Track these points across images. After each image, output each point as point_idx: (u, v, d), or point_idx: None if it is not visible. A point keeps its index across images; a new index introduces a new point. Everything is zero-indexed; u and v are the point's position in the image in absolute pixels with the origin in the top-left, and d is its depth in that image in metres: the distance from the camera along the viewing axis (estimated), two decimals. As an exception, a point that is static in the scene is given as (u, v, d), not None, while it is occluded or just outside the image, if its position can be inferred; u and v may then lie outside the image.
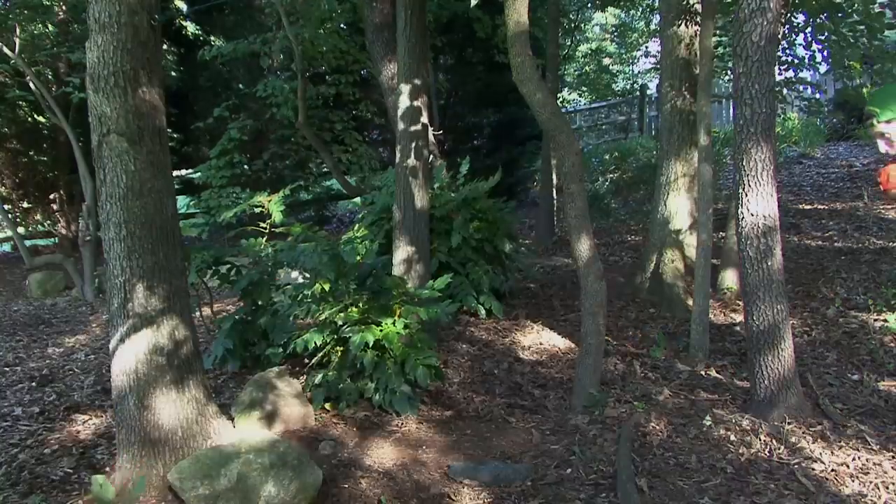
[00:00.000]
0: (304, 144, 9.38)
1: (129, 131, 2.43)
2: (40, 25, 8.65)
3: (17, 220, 9.92)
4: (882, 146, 2.74)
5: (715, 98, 10.37)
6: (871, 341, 3.76)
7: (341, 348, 3.32)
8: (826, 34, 5.50)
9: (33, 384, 3.86)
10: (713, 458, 2.72)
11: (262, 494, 2.34)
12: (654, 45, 17.79)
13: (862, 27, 5.18)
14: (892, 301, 4.18)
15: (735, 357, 3.83)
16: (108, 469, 2.76)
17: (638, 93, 15.56)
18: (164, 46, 9.01)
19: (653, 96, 14.83)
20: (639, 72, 20.80)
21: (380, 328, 3.20)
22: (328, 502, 2.52)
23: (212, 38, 10.10)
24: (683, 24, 4.74)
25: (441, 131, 7.00)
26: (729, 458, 2.72)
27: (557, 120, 3.23)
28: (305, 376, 3.47)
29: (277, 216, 4.01)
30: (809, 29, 5.63)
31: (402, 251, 4.16)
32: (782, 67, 6.25)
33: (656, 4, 9.78)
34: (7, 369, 4.24)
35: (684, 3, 4.75)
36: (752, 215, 2.96)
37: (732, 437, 2.88)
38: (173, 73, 9.68)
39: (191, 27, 9.94)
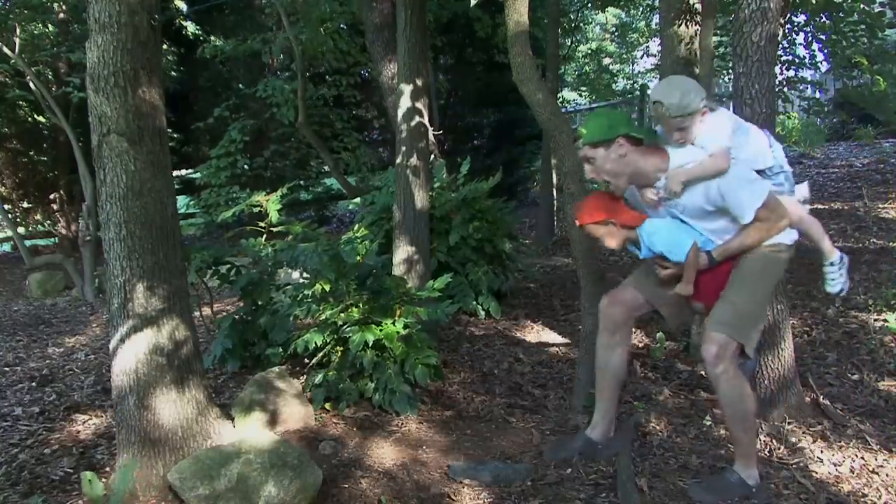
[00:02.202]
0: (304, 143, 9.38)
1: (129, 131, 2.43)
2: (40, 25, 8.65)
3: (17, 220, 9.92)
4: (588, 171, 2.52)
5: (717, 99, 10.36)
6: (871, 341, 3.75)
7: (341, 348, 3.32)
8: (826, 34, 5.50)
9: (33, 384, 3.87)
10: (713, 458, 2.72)
11: (262, 494, 2.34)
12: (654, 45, 17.80)
13: (862, 27, 5.19)
14: (892, 301, 4.18)
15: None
16: (108, 469, 2.77)
17: (638, 93, 15.56)
18: (164, 46, 9.00)
19: (653, 96, 14.81)
20: (639, 71, 20.81)
21: (380, 328, 3.20)
22: (328, 502, 2.52)
23: (212, 38, 10.11)
24: (683, 24, 4.73)
25: (441, 131, 7.00)
26: (729, 458, 2.72)
27: (557, 120, 3.23)
28: (305, 376, 3.47)
29: (274, 215, 4.01)
30: (810, 28, 5.64)
31: (402, 251, 4.16)
32: (783, 66, 6.25)
33: (656, 4, 9.77)
34: (7, 369, 4.24)
35: (684, 2, 4.74)
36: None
37: (732, 437, 2.88)
38: (173, 73, 9.68)
39: (191, 27, 9.94)
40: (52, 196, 9.82)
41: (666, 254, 2.48)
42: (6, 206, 9.24)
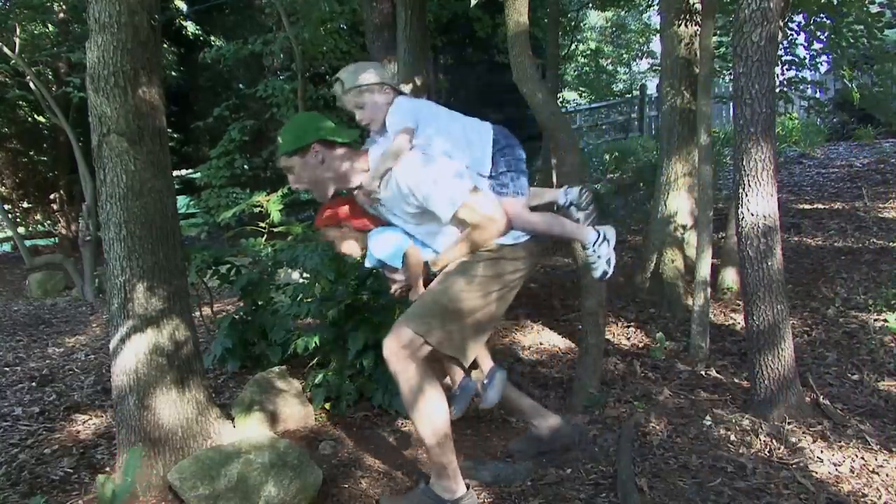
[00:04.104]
0: (304, 144, 9.36)
1: (129, 131, 2.43)
2: (40, 25, 8.66)
3: (17, 220, 9.93)
4: (291, 181, 2.36)
5: (717, 99, 10.41)
6: (871, 341, 3.76)
7: (341, 348, 3.32)
8: (826, 33, 5.50)
9: (33, 384, 3.87)
10: (713, 458, 2.72)
11: (262, 494, 2.34)
12: (654, 45, 17.82)
13: (861, 27, 5.18)
14: (892, 301, 4.18)
15: (735, 357, 3.83)
16: (108, 469, 2.77)
17: (638, 93, 15.57)
18: (164, 46, 9.01)
19: (653, 96, 14.85)
20: (638, 71, 20.83)
21: (379, 328, 3.20)
22: (328, 502, 2.52)
23: (212, 38, 10.12)
24: (683, 24, 4.74)
25: (441, 131, 6.99)
26: (729, 457, 2.72)
27: (557, 120, 3.23)
28: (305, 376, 3.47)
29: (275, 215, 4.01)
30: (810, 28, 5.63)
31: (402, 251, 4.15)
32: (784, 67, 6.24)
33: (654, 4, 9.79)
34: (7, 369, 4.24)
35: (684, 2, 4.74)
36: (752, 215, 2.96)
37: (732, 437, 2.88)
38: (173, 73, 9.69)
39: (191, 27, 9.95)
40: (52, 196, 9.83)
41: (385, 260, 2.41)
42: (6, 206, 9.25)
